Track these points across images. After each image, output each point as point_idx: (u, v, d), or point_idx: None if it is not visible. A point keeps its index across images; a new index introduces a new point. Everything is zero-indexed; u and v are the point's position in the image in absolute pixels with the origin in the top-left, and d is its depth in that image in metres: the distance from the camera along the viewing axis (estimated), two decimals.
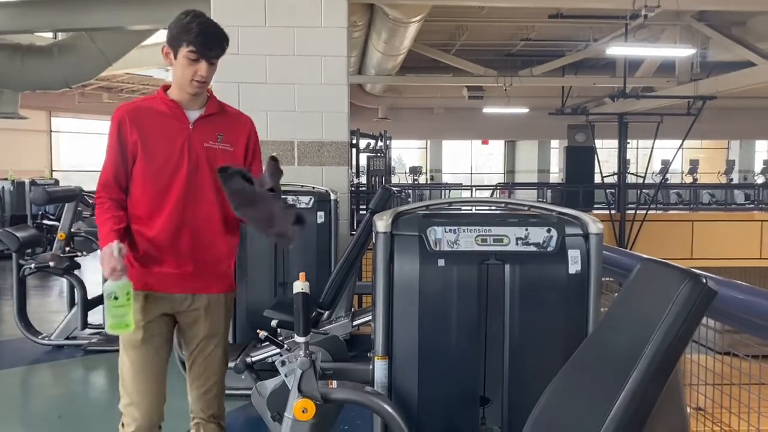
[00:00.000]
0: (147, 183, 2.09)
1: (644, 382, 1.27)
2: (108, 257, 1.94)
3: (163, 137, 2.11)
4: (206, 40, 2.05)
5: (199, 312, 2.17)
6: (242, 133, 2.21)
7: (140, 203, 2.11)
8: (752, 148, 21.95)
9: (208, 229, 2.13)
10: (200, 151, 2.11)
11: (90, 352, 4.67)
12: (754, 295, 1.95)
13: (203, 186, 2.10)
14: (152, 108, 2.15)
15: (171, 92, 2.15)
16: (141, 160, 2.09)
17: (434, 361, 1.94)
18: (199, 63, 2.05)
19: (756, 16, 10.80)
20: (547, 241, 1.92)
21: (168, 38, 2.09)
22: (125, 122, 2.10)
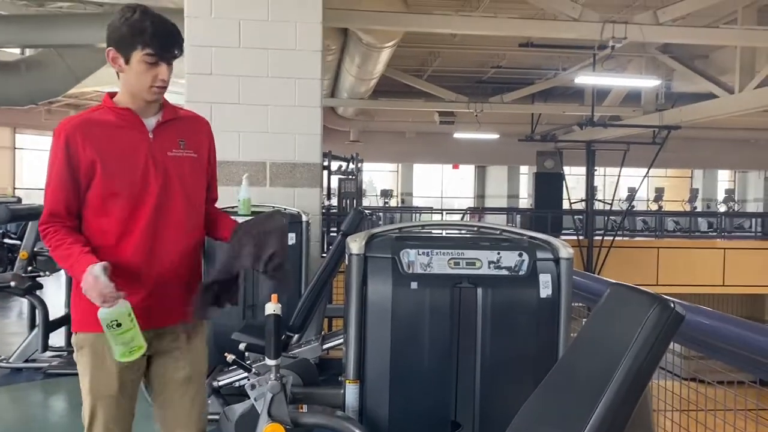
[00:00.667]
0: (110, 206, 1.82)
1: (614, 405, 1.28)
2: (93, 282, 1.67)
3: (123, 152, 1.83)
4: (165, 41, 1.81)
5: (179, 351, 1.93)
6: (203, 137, 2.00)
7: (103, 230, 1.83)
8: (715, 178, 22.57)
9: (181, 248, 1.90)
10: (166, 161, 1.87)
11: (50, 375, 4.52)
12: (720, 320, 1.99)
13: (174, 200, 1.87)
14: (103, 120, 1.85)
15: (121, 100, 1.88)
16: (100, 181, 1.80)
17: (406, 385, 1.93)
18: (158, 66, 1.81)
19: (718, 50, 11.18)
20: (518, 265, 1.94)
21: (114, 40, 1.81)
22: (75, 140, 1.80)
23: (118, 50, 1.81)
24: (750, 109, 10.27)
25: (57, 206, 1.81)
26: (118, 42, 1.80)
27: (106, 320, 1.69)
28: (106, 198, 1.81)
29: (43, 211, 1.82)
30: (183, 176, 1.89)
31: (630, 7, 10.34)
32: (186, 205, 1.90)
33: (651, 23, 7.82)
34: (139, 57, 1.79)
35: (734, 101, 10.18)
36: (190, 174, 1.91)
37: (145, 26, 1.78)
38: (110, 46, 1.82)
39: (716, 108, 10.96)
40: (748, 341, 1.82)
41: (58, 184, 1.81)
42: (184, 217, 1.90)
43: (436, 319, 1.90)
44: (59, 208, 1.81)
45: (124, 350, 1.73)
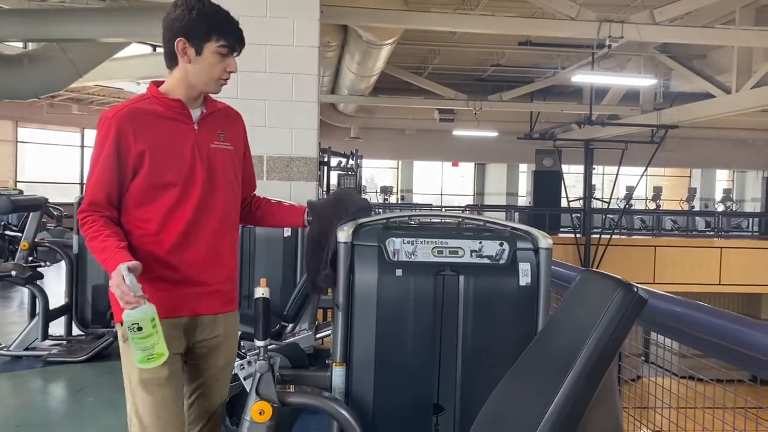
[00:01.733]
0: (155, 196, 1.82)
1: (579, 382, 1.36)
2: (120, 282, 1.64)
3: (172, 143, 1.84)
4: (238, 33, 1.84)
5: (219, 339, 1.94)
6: (239, 129, 2.02)
7: (145, 219, 1.83)
8: (713, 177, 22.61)
9: (222, 238, 1.92)
10: (210, 153, 1.88)
11: (50, 363, 4.62)
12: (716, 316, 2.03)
13: (216, 191, 1.89)
14: (151, 110, 1.84)
15: (171, 90, 1.86)
16: (147, 172, 1.80)
17: (390, 368, 2.00)
18: (229, 58, 1.84)
19: (715, 49, 11.24)
20: (499, 254, 2.01)
21: (185, 31, 1.79)
22: (125, 131, 1.78)
23: (190, 41, 1.79)
24: (747, 109, 10.33)
25: (98, 195, 1.80)
26: (189, 33, 1.79)
27: (127, 322, 1.67)
28: (152, 188, 1.81)
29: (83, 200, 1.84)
30: (224, 168, 1.91)
31: (627, 7, 10.40)
32: (226, 196, 1.91)
33: (648, 23, 7.89)
34: (213, 48, 1.80)
35: (732, 101, 10.24)
36: (230, 166, 1.94)
37: (220, 18, 1.81)
38: (179, 37, 1.80)
39: (714, 107, 11.02)
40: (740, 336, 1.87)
41: (102, 174, 1.80)
42: (225, 208, 1.92)
43: (420, 305, 1.98)
44: (100, 198, 1.80)
45: (143, 356, 1.68)
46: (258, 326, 1.86)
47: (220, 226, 1.90)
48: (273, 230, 4.06)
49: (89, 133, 17.17)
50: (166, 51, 1.85)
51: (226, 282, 1.96)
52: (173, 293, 1.84)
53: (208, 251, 1.87)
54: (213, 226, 1.88)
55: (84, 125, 16.96)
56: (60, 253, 5.14)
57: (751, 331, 1.56)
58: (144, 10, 7.72)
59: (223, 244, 1.92)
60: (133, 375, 1.82)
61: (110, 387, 4.02)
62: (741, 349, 1.56)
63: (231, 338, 2.00)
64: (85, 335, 4.96)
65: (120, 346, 1.88)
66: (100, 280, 4.85)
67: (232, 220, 1.98)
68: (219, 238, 1.90)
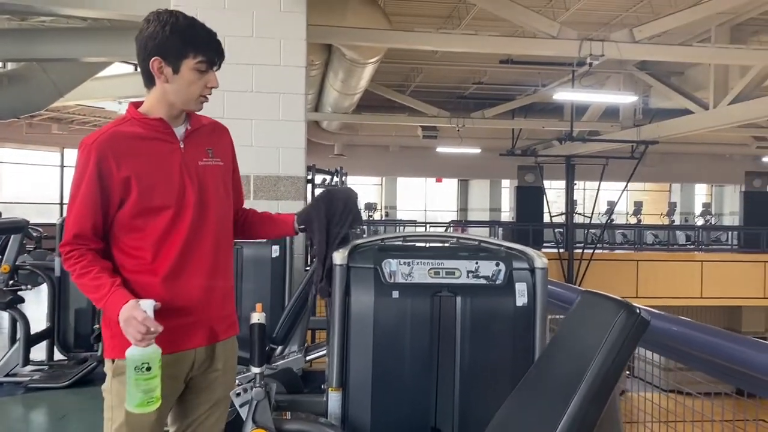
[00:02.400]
0: (146, 222, 1.71)
1: (584, 406, 1.35)
2: (139, 320, 1.56)
3: (157, 165, 1.73)
4: (216, 46, 1.74)
5: (218, 372, 1.83)
6: (227, 143, 1.93)
7: (137, 247, 1.73)
8: (692, 192, 22.95)
9: (217, 259, 1.81)
10: (199, 171, 1.79)
11: (31, 389, 4.50)
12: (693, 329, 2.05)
13: (209, 211, 1.79)
14: (132, 133, 1.74)
15: (152, 110, 1.76)
16: (136, 198, 1.69)
17: (387, 392, 1.98)
18: (208, 74, 1.73)
19: (693, 67, 11.45)
20: (496, 274, 2.01)
21: (159, 49, 1.69)
22: (107, 157, 1.68)
23: (166, 60, 1.70)
24: (725, 125, 10.51)
25: (83, 227, 1.69)
26: (164, 51, 1.69)
27: (136, 361, 1.55)
28: (142, 214, 1.71)
29: (65, 232, 1.71)
30: (215, 186, 1.82)
31: (607, 25, 10.59)
32: (218, 215, 1.82)
33: (628, 41, 8.02)
34: (191, 65, 1.70)
35: (709, 117, 10.42)
36: (221, 183, 1.85)
37: (195, 32, 1.71)
38: (154, 56, 1.70)
39: (692, 123, 11.21)
40: (716, 348, 1.89)
41: (84, 204, 1.68)
42: (219, 227, 1.82)
43: (417, 327, 1.96)
44: (85, 230, 1.69)
45: (143, 399, 1.56)
46: (254, 352, 1.82)
47: (216, 247, 1.81)
48: (261, 251, 4.03)
49: (69, 153, 17.00)
50: (141, 70, 1.76)
51: (225, 305, 1.87)
52: (172, 324, 1.71)
53: (205, 274, 1.78)
54: (208, 247, 1.79)
55: (64, 145, 16.79)
56: (42, 276, 5.03)
57: (757, 353, 1.56)
58: (126, 29, 7.68)
59: (219, 264, 1.82)
60: (118, 417, 1.71)
61: (94, 413, 3.88)
62: (750, 372, 1.56)
63: (230, 371, 1.89)
64: (67, 360, 4.85)
65: (107, 383, 1.76)
66: (82, 303, 4.75)
67: (226, 239, 1.88)
68: (215, 259, 1.81)
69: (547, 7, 9.64)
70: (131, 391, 1.57)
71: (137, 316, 1.56)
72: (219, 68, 1.78)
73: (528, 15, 7.82)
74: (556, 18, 8.82)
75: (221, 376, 1.84)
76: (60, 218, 4.83)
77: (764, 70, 9.50)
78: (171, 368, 1.72)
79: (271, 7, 4.44)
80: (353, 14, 7.47)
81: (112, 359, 1.75)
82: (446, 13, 10.46)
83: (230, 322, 1.89)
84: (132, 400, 1.58)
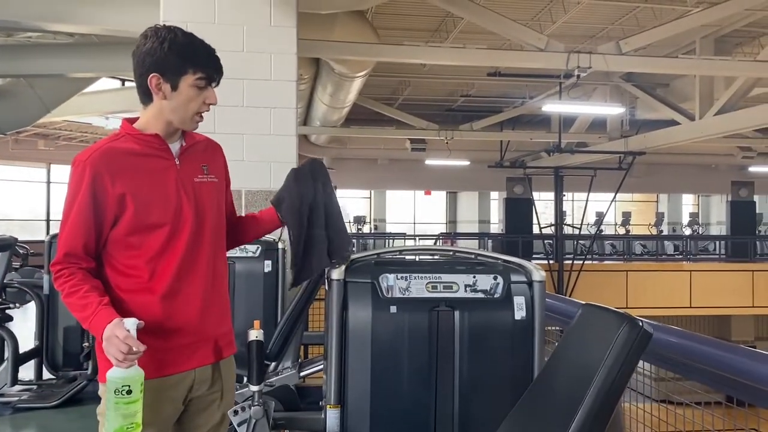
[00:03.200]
0: (142, 240, 1.68)
1: (588, 421, 1.34)
2: (121, 338, 1.50)
3: (153, 182, 1.70)
4: (215, 62, 1.72)
5: (218, 393, 1.79)
6: (220, 160, 1.90)
7: (133, 266, 1.69)
8: (680, 202, 23.14)
9: (214, 276, 1.78)
10: (195, 188, 1.76)
11: (20, 409, 4.42)
12: (689, 339, 2.05)
13: (205, 228, 1.76)
14: (127, 149, 1.70)
15: (147, 127, 1.73)
16: (132, 215, 1.66)
17: (386, 408, 1.96)
18: (207, 90, 1.72)
19: (678, 78, 11.59)
20: (494, 288, 2.00)
21: (157, 66, 1.67)
22: (101, 174, 1.64)
23: (164, 76, 1.67)
24: (711, 135, 10.63)
25: (74, 246, 1.65)
26: (163, 68, 1.67)
27: (117, 383, 1.49)
28: (137, 231, 1.68)
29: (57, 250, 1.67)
30: (210, 203, 1.79)
31: (594, 38, 10.70)
32: (214, 232, 1.79)
33: (614, 53, 8.10)
34: (190, 81, 1.68)
35: (695, 128, 10.53)
36: (216, 200, 1.82)
37: (195, 49, 1.69)
38: (153, 73, 1.67)
39: (678, 134, 11.32)
40: (717, 359, 1.89)
41: (77, 223, 1.65)
42: (214, 244, 1.79)
43: (415, 342, 1.95)
44: (76, 248, 1.65)
45: (122, 424, 1.50)
46: (252, 370, 1.80)
47: (212, 264, 1.78)
48: (253, 266, 4.00)
49: (56, 169, 16.87)
50: (138, 86, 1.73)
51: (223, 323, 1.82)
52: (170, 345, 1.68)
53: (203, 292, 1.74)
54: (205, 265, 1.75)
55: (50, 160, 16.67)
56: (30, 293, 4.97)
57: (765, 366, 1.56)
58: (113, 44, 7.65)
59: (216, 282, 1.79)
60: None
61: None
62: (756, 385, 1.56)
63: (229, 392, 1.84)
64: (56, 379, 4.77)
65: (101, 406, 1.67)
66: (71, 321, 4.68)
67: (222, 257, 1.85)
68: (212, 277, 1.77)
69: (534, 20, 9.72)
70: (110, 415, 1.51)
71: (119, 335, 1.51)
72: (218, 84, 1.77)
73: (515, 28, 7.89)
74: (543, 31, 8.90)
75: (221, 397, 1.80)
76: (48, 236, 4.78)
77: (748, 81, 9.63)
78: (171, 390, 1.68)
79: (262, 22, 4.44)
80: (341, 28, 7.49)
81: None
82: (434, 26, 10.53)
83: (228, 340, 1.85)
84: (111, 425, 1.51)
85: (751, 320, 15.44)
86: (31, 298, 5.01)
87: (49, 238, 4.74)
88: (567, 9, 9.48)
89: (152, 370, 1.59)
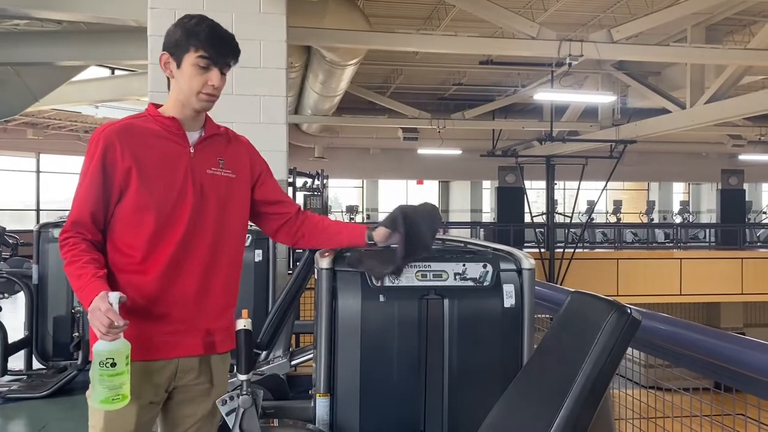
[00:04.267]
0: (141, 219, 1.69)
1: (577, 407, 1.34)
2: (102, 311, 1.51)
3: (162, 163, 1.72)
4: (219, 44, 1.74)
5: (206, 386, 1.78)
6: (243, 154, 1.90)
7: (130, 244, 1.70)
8: (670, 190, 23.24)
9: (214, 270, 1.77)
10: (204, 179, 1.76)
11: (9, 399, 4.41)
12: (678, 326, 2.07)
13: (206, 220, 1.76)
14: (145, 128, 1.75)
15: (167, 109, 1.78)
16: (135, 192, 1.68)
17: (376, 396, 1.96)
18: (210, 71, 1.73)
19: (670, 66, 11.59)
20: (483, 276, 2.00)
21: (168, 44, 1.75)
22: (114, 146, 1.68)
23: (171, 54, 1.75)
24: (701, 124, 10.65)
25: (83, 215, 1.68)
26: (171, 46, 1.75)
27: (101, 355, 1.52)
28: (138, 210, 1.69)
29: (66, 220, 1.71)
30: (219, 196, 1.78)
31: (586, 26, 10.69)
32: (218, 226, 1.77)
33: (606, 41, 8.09)
34: (191, 60, 1.72)
35: (686, 116, 10.55)
36: (226, 195, 1.80)
37: (200, 29, 1.73)
38: (164, 51, 1.76)
39: (669, 122, 11.34)
40: (705, 345, 1.90)
41: (88, 192, 1.69)
42: (219, 239, 1.77)
43: (405, 330, 1.94)
44: (84, 218, 1.68)
45: (108, 395, 1.53)
46: (240, 359, 1.79)
47: (212, 258, 1.76)
48: (244, 255, 3.98)
49: (45, 158, 16.74)
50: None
51: (218, 319, 1.79)
52: (157, 329, 1.69)
53: (198, 283, 1.73)
54: (204, 257, 1.74)
55: (39, 150, 16.53)
56: (19, 283, 4.94)
57: (753, 352, 1.57)
58: (102, 32, 7.56)
59: (215, 276, 1.77)
60: (98, 423, 1.68)
61: (75, 423, 3.85)
62: (744, 371, 1.56)
63: (220, 385, 1.82)
64: (46, 369, 4.76)
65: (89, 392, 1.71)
66: (61, 311, 4.67)
67: (228, 253, 1.81)
68: (211, 270, 1.76)
69: (526, 8, 9.69)
70: (96, 387, 1.55)
71: (101, 307, 1.52)
72: (228, 69, 1.79)
73: (507, 16, 7.85)
74: (535, 19, 8.87)
75: (210, 390, 1.79)
76: (37, 225, 4.75)
77: (739, 69, 9.65)
78: (154, 375, 1.69)
79: (251, 9, 4.40)
80: (332, 16, 7.44)
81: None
82: (426, 14, 10.47)
83: (226, 336, 1.83)
84: (96, 396, 1.54)
85: (741, 307, 15.57)
86: (20, 288, 4.98)
87: (38, 227, 4.72)
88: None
89: (138, 352, 1.60)
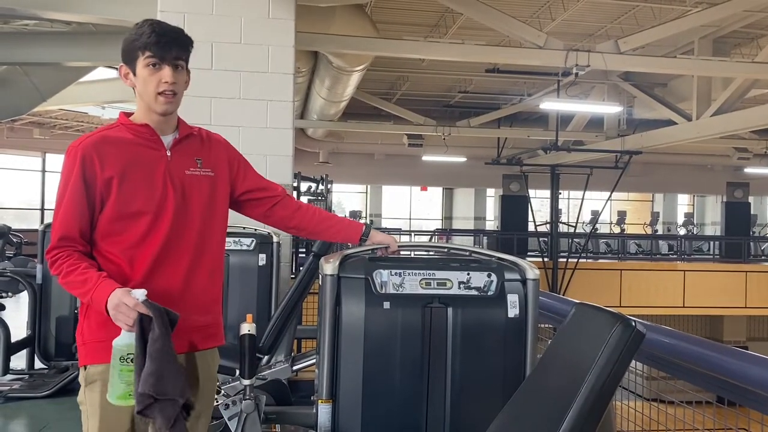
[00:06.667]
0: (124, 227, 1.72)
1: (580, 421, 1.34)
2: (130, 306, 1.55)
3: (141, 169, 1.75)
4: (162, 41, 1.73)
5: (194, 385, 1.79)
6: (220, 153, 1.92)
7: (112, 252, 1.73)
8: (675, 201, 23.19)
9: (197, 268, 1.80)
10: (183, 180, 1.79)
11: (11, 399, 4.42)
12: (680, 339, 2.06)
13: (189, 221, 1.78)
14: (120, 137, 1.77)
15: (138, 117, 1.80)
16: (115, 201, 1.71)
17: (378, 403, 1.95)
18: (161, 69, 1.73)
19: (676, 78, 11.59)
20: (487, 285, 1.99)
21: (123, 56, 1.77)
22: (92, 158, 1.70)
23: (127, 64, 1.77)
24: (707, 136, 10.64)
25: (70, 229, 1.69)
26: (125, 56, 1.77)
27: (122, 351, 1.53)
28: (120, 219, 1.72)
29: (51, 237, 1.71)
30: (200, 196, 1.81)
31: (593, 36, 10.70)
32: (201, 226, 1.81)
33: (613, 52, 8.09)
34: (142, 63, 1.74)
35: (692, 128, 10.53)
36: (208, 194, 1.84)
37: (143, 31, 1.73)
38: (123, 63, 1.78)
39: (675, 134, 11.33)
40: (707, 359, 1.90)
41: (71, 206, 1.69)
42: (202, 237, 1.81)
43: (408, 338, 1.94)
44: (72, 232, 1.69)
45: (125, 391, 1.53)
46: (244, 364, 1.79)
47: (196, 256, 1.79)
48: (247, 259, 3.99)
49: (51, 158, 16.80)
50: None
51: (204, 315, 1.83)
52: None
53: (181, 283, 1.76)
54: (187, 257, 1.78)
55: (46, 149, 16.60)
56: (23, 283, 4.95)
57: (756, 368, 1.56)
58: (110, 34, 7.60)
59: (198, 274, 1.80)
60: (93, 427, 1.69)
61: (75, 423, 3.83)
62: (747, 386, 1.56)
63: (208, 381, 1.84)
64: (48, 369, 4.77)
65: (81, 394, 1.74)
66: (64, 311, 4.68)
67: (212, 250, 1.85)
68: (194, 269, 1.79)
69: (533, 18, 9.71)
70: (114, 382, 1.55)
71: (128, 302, 1.56)
72: (182, 63, 1.78)
73: (515, 25, 7.86)
74: (543, 28, 8.89)
75: (196, 386, 1.79)
76: (42, 225, 4.76)
77: (746, 82, 9.64)
78: None
79: (259, 14, 4.42)
80: (340, 22, 7.46)
81: (84, 366, 1.74)
82: (433, 21, 10.50)
83: (212, 332, 1.87)
84: (114, 391, 1.55)
85: (744, 320, 15.51)
86: (23, 288, 4.99)
87: (43, 227, 4.73)
88: (566, 7, 9.47)
89: None
